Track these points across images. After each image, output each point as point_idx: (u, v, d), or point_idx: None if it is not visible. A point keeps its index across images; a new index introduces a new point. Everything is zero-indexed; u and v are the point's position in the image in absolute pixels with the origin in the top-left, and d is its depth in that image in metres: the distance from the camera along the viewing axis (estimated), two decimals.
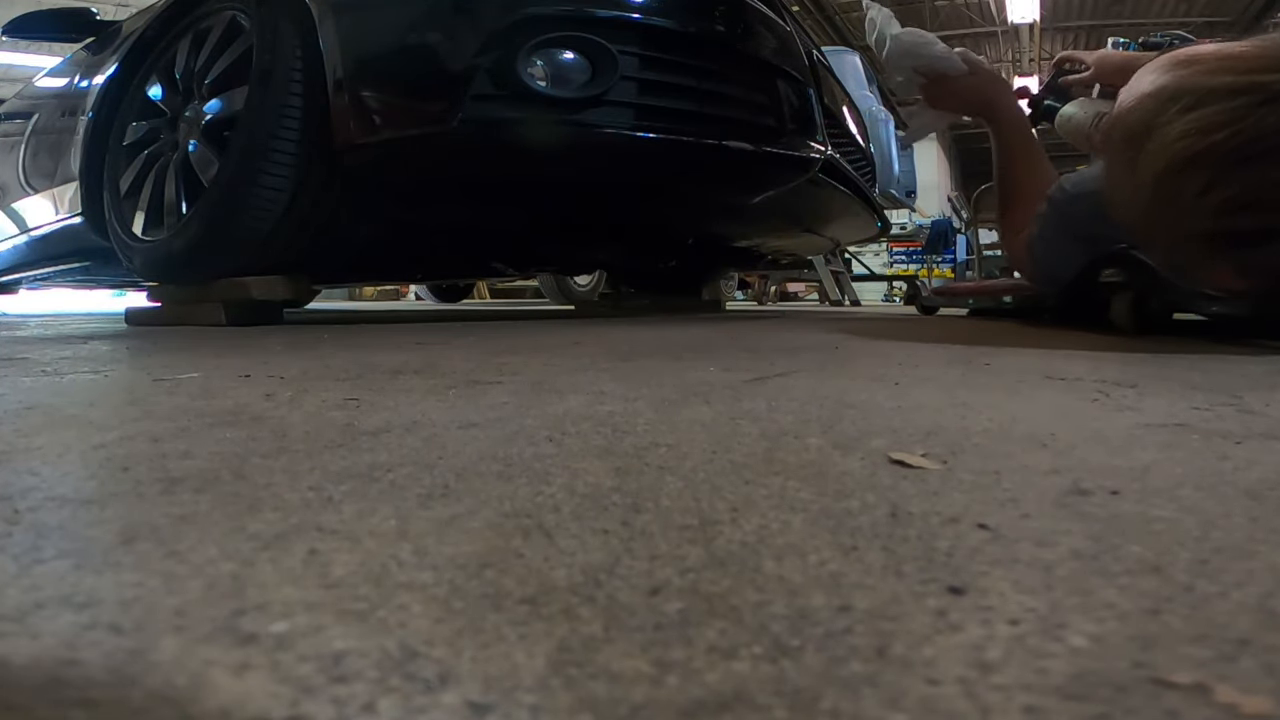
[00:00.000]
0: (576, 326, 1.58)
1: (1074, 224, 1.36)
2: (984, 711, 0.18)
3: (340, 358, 0.88)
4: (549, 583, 0.25)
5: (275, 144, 1.42)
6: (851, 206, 1.96)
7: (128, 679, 0.19)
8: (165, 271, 1.62)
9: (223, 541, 0.28)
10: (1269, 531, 0.30)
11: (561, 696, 0.19)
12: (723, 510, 0.32)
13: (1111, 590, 0.24)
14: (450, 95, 1.35)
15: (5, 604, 0.23)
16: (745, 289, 7.18)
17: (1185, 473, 0.38)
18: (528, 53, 1.32)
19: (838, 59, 2.39)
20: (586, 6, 1.35)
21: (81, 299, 4.37)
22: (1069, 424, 0.49)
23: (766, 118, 1.50)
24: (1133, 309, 1.20)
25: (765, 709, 0.18)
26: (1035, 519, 0.31)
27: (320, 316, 2.35)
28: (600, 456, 0.41)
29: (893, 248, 9.53)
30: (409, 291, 7.29)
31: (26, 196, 2.22)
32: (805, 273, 5.78)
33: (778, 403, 0.57)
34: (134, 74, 1.77)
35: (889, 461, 0.40)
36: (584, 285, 4.26)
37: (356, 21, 1.43)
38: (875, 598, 0.24)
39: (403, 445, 0.43)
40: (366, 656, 0.20)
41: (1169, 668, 0.20)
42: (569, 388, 0.65)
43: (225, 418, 0.51)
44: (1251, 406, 0.56)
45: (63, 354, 0.97)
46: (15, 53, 9.28)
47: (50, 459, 0.40)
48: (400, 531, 0.29)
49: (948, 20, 12.19)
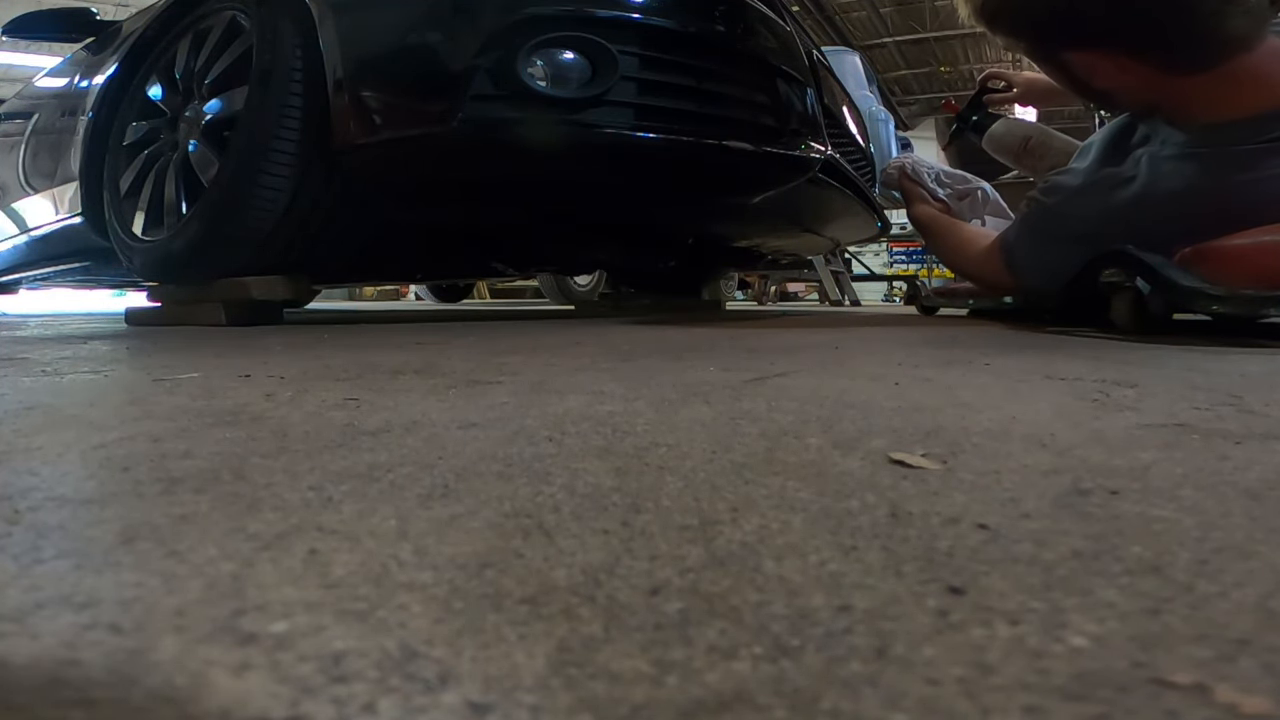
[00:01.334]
0: (576, 326, 1.58)
1: (1068, 224, 1.36)
2: (984, 711, 0.18)
3: (340, 358, 0.88)
4: (549, 583, 0.25)
5: (275, 144, 1.42)
6: (851, 206, 1.96)
7: (128, 679, 0.19)
8: (165, 271, 1.62)
9: (223, 541, 0.28)
10: (1269, 531, 0.30)
11: (561, 696, 0.19)
12: (723, 510, 0.32)
13: (1111, 590, 0.24)
14: (450, 95, 1.34)
15: (5, 604, 0.23)
16: (745, 289, 7.17)
17: (1185, 473, 0.38)
18: (528, 53, 1.32)
19: (838, 59, 2.39)
20: (586, 6, 1.35)
21: (81, 299, 4.37)
22: (1069, 424, 0.49)
23: (766, 118, 1.50)
24: (1133, 309, 1.20)
25: (765, 709, 0.18)
26: (1035, 519, 0.31)
27: (320, 316, 2.35)
28: (600, 456, 0.41)
29: (893, 248, 9.51)
30: (409, 291, 7.29)
31: (26, 196, 2.22)
32: (805, 273, 5.78)
33: (778, 403, 0.57)
34: (134, 74, 1.77)
35: (889, 461, 0.40)
36: (584, 285, 4.26)
37: (357, 21, 1.43)
38: (875, 598, 0.24)
39: (403, 445, 0.43)
40: (366, 656, 0.20)
41: (1169, 668, 0.20)
42: (569, 388, 0.65)
43: (225, 417, 0.51)
44: (1251, 406, 0.56)
45: (63, 354, 0.97)
46: (15, 53, 9.28)
47: (50, 459, 0.40)
48: (400, 531, 0.29)
49: (947, 20, 12.18)
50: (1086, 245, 1.28)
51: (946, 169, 1.93)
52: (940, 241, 1.80)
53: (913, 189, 1.89)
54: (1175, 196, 1.22)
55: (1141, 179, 1.26)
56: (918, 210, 1.86)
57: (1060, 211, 1.38)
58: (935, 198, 1.86)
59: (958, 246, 1.72)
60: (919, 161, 1.95)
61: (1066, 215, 1.37)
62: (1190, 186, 1.21)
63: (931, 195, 1.86)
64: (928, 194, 1.86)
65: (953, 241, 1.75)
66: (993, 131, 2.03)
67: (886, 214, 2.50)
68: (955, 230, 1.76)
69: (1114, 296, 1.24)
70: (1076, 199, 1.36)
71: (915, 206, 1.87)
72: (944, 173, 1.90)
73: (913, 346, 1.07)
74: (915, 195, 1.88)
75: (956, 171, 1.92)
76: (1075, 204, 1.36)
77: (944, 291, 2.67)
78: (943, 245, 1.80)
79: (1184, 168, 1.22)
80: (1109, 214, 1.28)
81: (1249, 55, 1.15)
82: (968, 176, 1.90)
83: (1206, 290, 1.07)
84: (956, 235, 1.74)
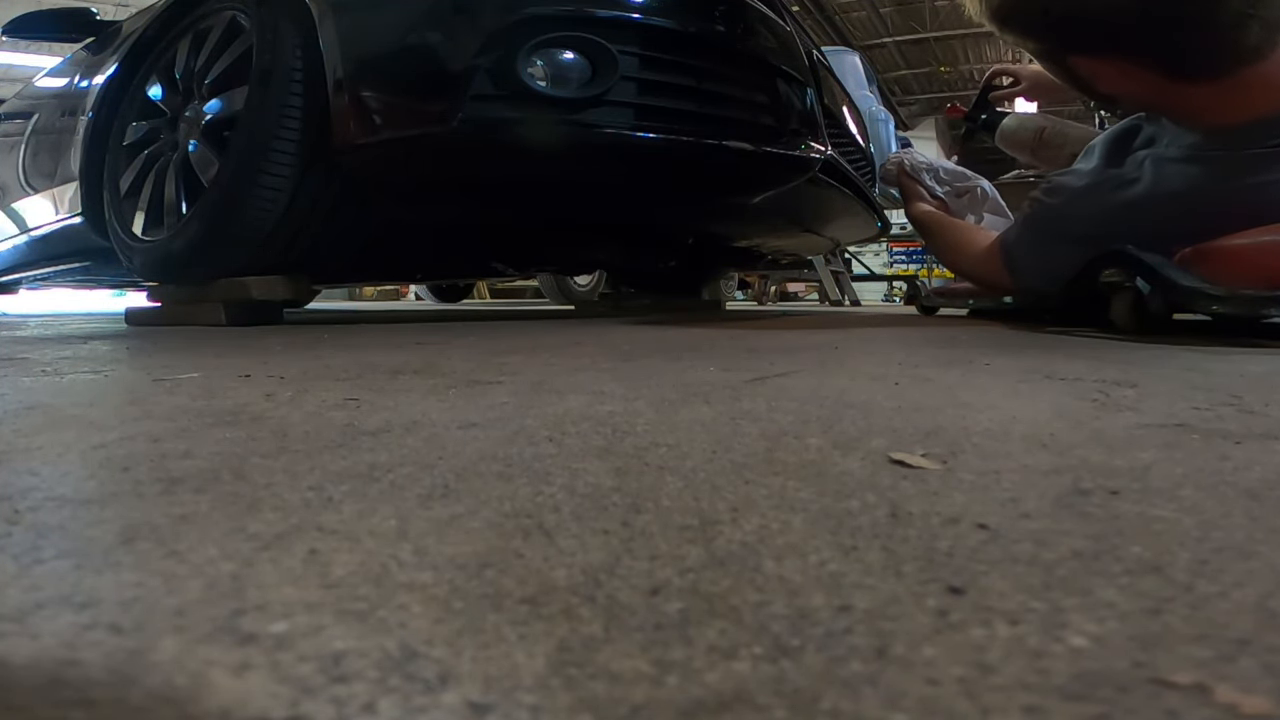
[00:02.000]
0: (576, 326, 1.58)
1: (1070, 224, 1.36)
2: (984, 711, 0.18)
3: (340, 357, 0.88)
4: (549, 583, 0.25)
5: (275, 144, 1.42)
6: (851, 206, 1.96)
7: (128, 679, 0.19)
8: (165, 271, 1.61)
9: (223, 541, 0.28)
10: (1269, 531, 0.30)
11: (561, 696, 0.19)
12: (723, 510, 0.32)
13: (1111, 590, 0.24)
14: (450, 95, 1.34)
15: (5, 604, 0.23)
16: (745, 289, 7.17)
17: (1185, 473, 0.38)
18: (528, 53, 1.32)
19: (838, 59, 2.39)
20: (586, 6, 1.35)
21: (81, 299, 4.37)
22: (1069, 424, 0.49)
23: (766, 117, 1.50)
24: (1132, 309, 1.20)
25: (765, 709, 0.18)
26: (1035, 519, 0.31)
27: (320, 316, 2.35)
28: (600, 456, 0.41)
29: (893, 248, 9.51)
30: (409, 291, 7.29)
31: (26, 196, 2.22)
32: (805, 273, 5.78)
33: (778, 403, 0.57)
34: (134, 74, 1.77)
35: (889, 461, 0.40)
36: (584, 285, 4.26)
37: (357, 21, 1.43)
38: (875, 598, 0.24)
39: (403, 445, 0.43)
40: (366, 656, 0.20)
41: (1169, 668, 0.20)
42: (569, 388, 0.65)
43: (225, 417, 0.51)
44: (1251, 406, 0.56)
45: (63, 354, 0.97)
46: (15, 53, 9.28)
47: (50, 459, 0.40)
48: (400, 531, 0.29)
49: (947, 20, 12.19)
50: (1088, 246, 1.28)
51: (946, 165, 1.92)
52: (939, 240, 1.80)
53: (911, 186, 1.88)
54: (1179, 198, 1.21)
55: (1145, 181, 1.26)
56: (916, 208, 1.85)
57: (1063, 212, 1.38)
58: (933, 195, 1.86)
59: (956, 246, 1.72)
60: (916, 157, 1.95)
61: (1069, 216, 1.37)
62: (1195, 189, 1.20)
63: (930, 193, 1.86)
64: (925, 191, 1.86)
65: (951, 240, 1.75)
66: (1004, 127, 1.98)
67: (886, 214, 2.50)
68: (954, 229, 1.76)
69: (1114, 296, 1.24)
70: (1079, 200, 1.36)
71: (913, 205, 1.86)
72: (943, 169, 1.89)
73: (913, 346, 1.07)
74: (913, 193, 1.87)
75: (955, 168, 1.91)
76: (1078, 205, 1.36)
77: (944, 291, 2.66)
78: (941, 244, 1.79)
79: (1189, 170, 1.22)
80: (1112, 215, 1.28)
81: (1262, 63, 1.15)
82: (967, 173, 1.89)
83: (1207, 290, 1.07)
84: (955, 234, 1.74)
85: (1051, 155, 1.92)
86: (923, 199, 1.85)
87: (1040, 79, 1.93)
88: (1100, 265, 1.24)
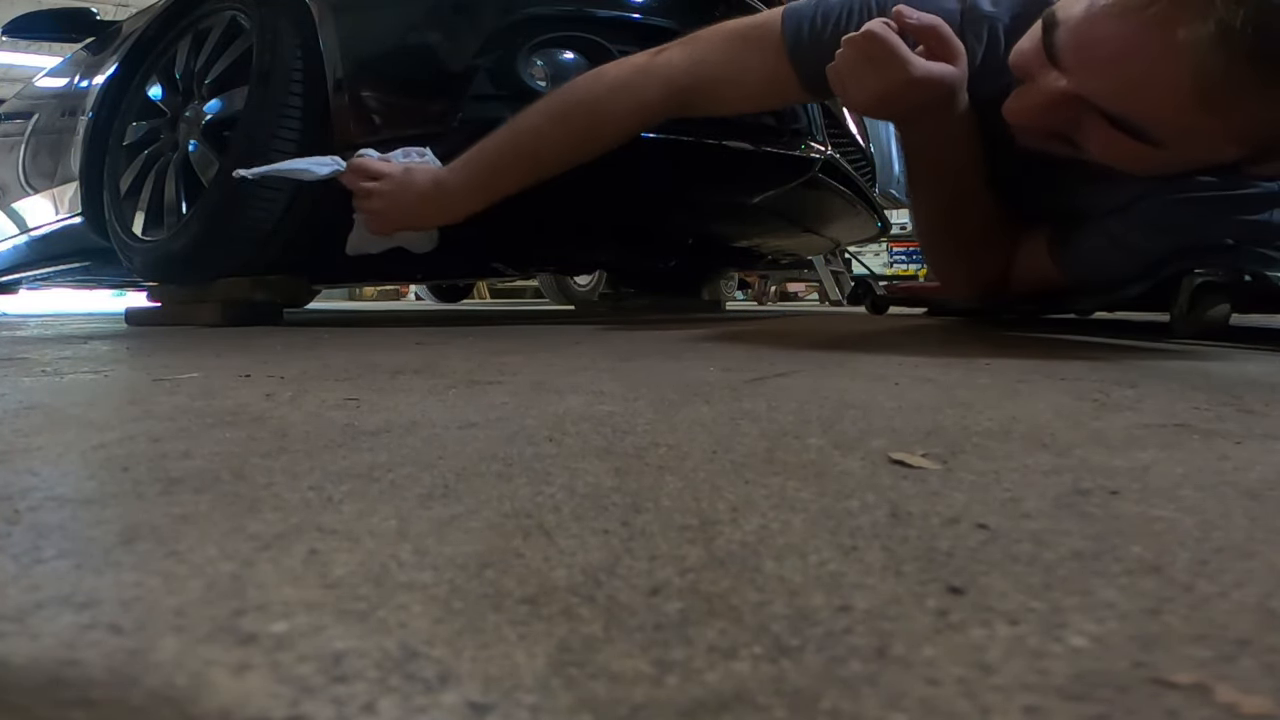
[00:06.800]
0: (576, 326, 1.58)
1: (1163, 214, 1.14)
2: (984, 711, 0.18)
3: (340, 358, 0.88)
4: (549, 583, 0.25)
5: (275, 144, 1.42)
6: (852, 206, 1.96)
7: (128, 679, 0.19)
8: (165, 271, 1.61)
9: (223, 541, 0.28)
10: (1269, 531, 0.30)
11: (561, 696, 0.19)
12: (723, 510, 0.32)
13: (1111, 590, 0.24)
14: (450, 95, 1.35)
15: (5, 604, 0.23)
16: (745, 289, 7.17)
17: (1185, 473, 0.38)
18: (528, 53, 1.32)
19: None
20: (586, 6, 1.35)
21: (81, 299, 4.37)
22: (1069, 424, 0.49)
23: (766, 117, 1.50)
24: (1193, 304, 1.07)
25: (765, 709, 0.18)
26: (1035, 519, 0.31)
27: (320, 316, 2.35)
28: (600, 456, 0.41)
29: (893, 248, 9.51)
30: (409, 291, 7.29)
31: (26, 196, 2.22)
32: (805, 273, 5.78)
33: (778, 403, 0.57)
34: (134, 74, 1.77)
35: (889, 461, 0.40)
36: (584, 285, 4.26)
37: (357, 21, 1.43)
38: (875, 598, 0.24)
39: (403, 445, 0.43)
40: (366, 656, 0.20)
41: (1169, 668, 0.20)
42: (569, 388, 0.65)
43: (225, 418, 0.51)
44: (1251, 406, 0.56)
45: (63, 354, 0.97)
46: (15, 53, 9.28)
47: (50, 459, 0.40)
48: (400, 531, 0.29)
49: None
50: (1171, 235, 1.11)
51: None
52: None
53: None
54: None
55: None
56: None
57: (1166, 202, 1.14)
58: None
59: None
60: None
61: (1168, 205, 1.14)
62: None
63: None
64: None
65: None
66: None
67: (886, 214, 2.50)
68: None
69: (1184, 293, 1.09)
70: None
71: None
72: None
73: (912, 346, 1.07)
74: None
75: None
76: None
77: (901, 289, 2.52)
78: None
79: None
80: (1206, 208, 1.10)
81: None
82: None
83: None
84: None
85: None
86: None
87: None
88: (1191, 258, 1.09)
